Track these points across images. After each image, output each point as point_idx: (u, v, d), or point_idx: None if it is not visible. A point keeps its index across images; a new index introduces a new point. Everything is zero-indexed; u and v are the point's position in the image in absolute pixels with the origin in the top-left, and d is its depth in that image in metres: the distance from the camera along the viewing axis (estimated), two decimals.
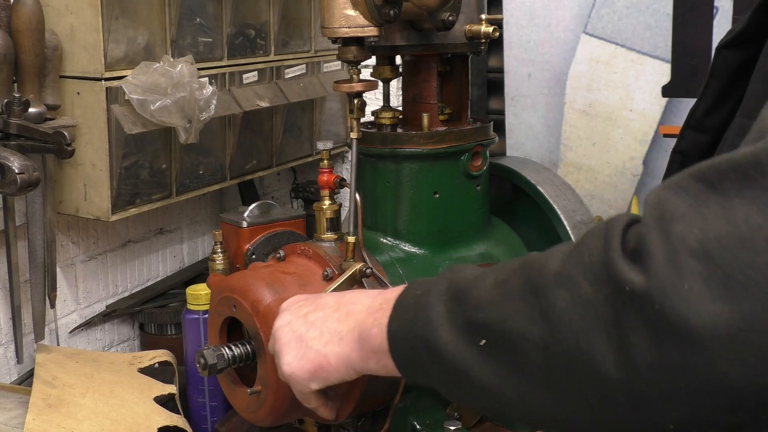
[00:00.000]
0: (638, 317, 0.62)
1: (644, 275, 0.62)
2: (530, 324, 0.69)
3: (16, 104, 1.34)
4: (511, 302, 0.72)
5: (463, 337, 0.75)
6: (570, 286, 0.67)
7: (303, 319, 0.98)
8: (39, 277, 1.50)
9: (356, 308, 0.94)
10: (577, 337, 0.65)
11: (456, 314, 0.77)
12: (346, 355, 0.92)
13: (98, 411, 1.35)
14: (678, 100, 1.94)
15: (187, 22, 1.60)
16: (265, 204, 1.69)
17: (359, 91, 1.25)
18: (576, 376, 0.66)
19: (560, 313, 0.67)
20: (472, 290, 0.77)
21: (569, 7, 2.01)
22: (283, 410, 1.20)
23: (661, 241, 0.62)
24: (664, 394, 0.62)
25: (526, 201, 1.54)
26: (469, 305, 0.76)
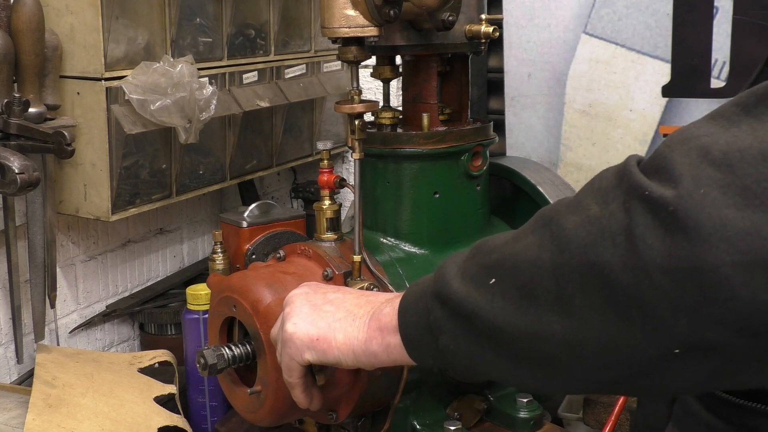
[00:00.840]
0: (652, 220, 0.62)
1: (663, 184, 0.63)
2: (540, 251, 0.70)
3: (16, 104, 1.34)
4: (522, 239, 0.74)
5: (474, 282, 0.76)
6: (580, 210, 0.68)
7: (322, 295, 1.00)
8: (39, 277, 1.50)
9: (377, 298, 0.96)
10: (586, 251, 0.66)
11: (469, 265, 0.79)
12: (354, 335, 0.93)
13: (98, 411, 1.35)
14: (678, 100, 1.94)
15: (187, 22, 1.60)
16: (265, 204, 1.69)
17: (360, 111, 1.25)
18: (586, 291, 0.66)
19: (569, 234, 0.68)
20: (487, 242, 0.80)
21: (569, 7, 2.00)
22: (283, 410, 1.20)
23: (684, 155, 0.63)
24: (672, 300, 0.62)
25: (526, 201, 1.54)
26: (482, 254, 0.78)
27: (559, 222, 0.69)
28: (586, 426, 1.68)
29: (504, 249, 0.75)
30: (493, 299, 0.73)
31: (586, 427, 1.68)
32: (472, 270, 0.78)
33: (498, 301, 0.73)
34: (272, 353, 1.15)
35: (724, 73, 1.87)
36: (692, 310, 0.61)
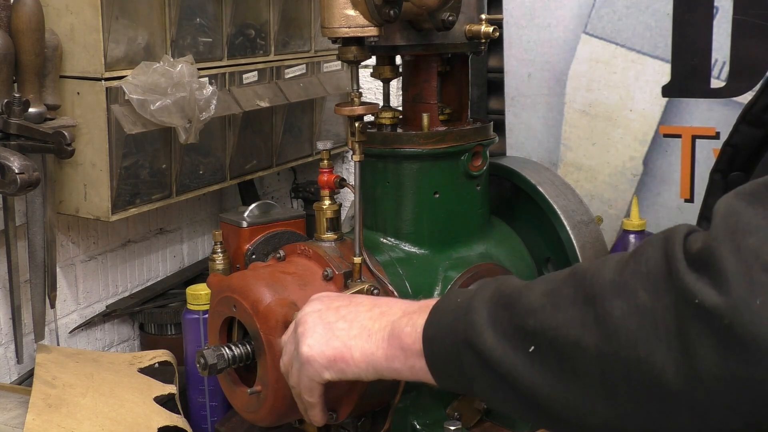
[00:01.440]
0: (706, 329, 0.61)
1: (714, 289, 0.61)
2: (584, 331, 0.69)
3: (16, 104, 1.34)
4: (563, 310, 0.71)
5: (511, 343, 0.74)
6: (627, 294, 0.66)
7: (334, 311, 0.98)
8: (39, 277, 1.50)
9: (391, 310, 0.94)
10: (636, 346, 0.65)
11: (502, 319, 0.76)
12: (371, 351, 0.91)
13: (98, 411, 1.35)
14: (678, 100, 1.94)
15: (187, 22, 1.60)
16: (265, 204, 1.69)
17: (360, 114, 1.25)
18: (633, 384, 0.66)
19: (617, 322, 0.66)
20: (520, 297, 0.76)
21: (569, 7, 2.00)
22: (283, 410, 1.20)
23: (734, 254, 0.61)
24: (726, 405, 0.62)
25: (526, 201, 1.54)
26: (516, 311, 0.75)
27: (604, 304, 0.68)
28: None
29: (543, 317, 0.73)
30: (532, 366, 0.73)
31: None
32: (507, 328, 0.76)
33: (537, 369, 0.72)
34: (272, 353, 1.15)
35: (724, 73, 1.87)
36: (748, 413, 0.61)
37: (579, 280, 0.72)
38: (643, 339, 0.64)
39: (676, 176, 1.95)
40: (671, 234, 0.68)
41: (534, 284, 0.78)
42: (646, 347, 0.64)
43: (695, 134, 1.93)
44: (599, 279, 0.70)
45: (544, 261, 1.54)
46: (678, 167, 1.95)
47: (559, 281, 0.75)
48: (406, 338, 0.88)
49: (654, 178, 1.98)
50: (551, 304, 0.73)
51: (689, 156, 1.93)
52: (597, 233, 1.53)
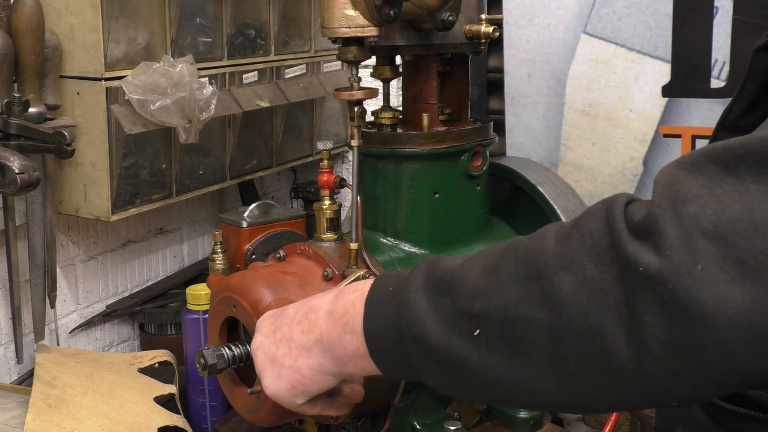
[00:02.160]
0: (651, 297, 0.62)
1: (657, 255, 0.62)
2: (533, 309, 0.68)
3: (16, 104, 1.34)
4: (507, 288, 0.71)
5: (456, 329, 0.74)
6: (574, 268, 0.67)
7: (272, 338, 0.97)
8: (39, 277, 1.50)
9: (318, 316, 0.92)
10: (587, 318, 0.65)
11: (444, 306, 0.75)
12: (317, 364, 0.91)
13: (98, 411, 1.35)
14: (678, 100, 1.94)
15: (187, 22, 1.60)
16: (265, 204, 1.69)
17: (360, 98, 1.25)
18: (585, 357, 0.66)
19: (566, 296, 0.66)
20: (460, 281, 0.75)
21: (569, 7, 2.01)
22: (283, 410, 1.19)
23: (675, 221, 0.62)
24: (674, 374, 0.63)
25: (526, 201, 1.54)
26: (459, 296, 0.74)
27: (552, 279, 0.67)
28: (586, 426, 1.68)
29: (488, 298, 0.72)
30: (479, 350, 0.72)
31: (587, 427, 1.68)
32: (450, 315, 0.75)
33: (485, 353, 0.72)
34: None
35: (724, 73, 1.87)
36: (694, 378, 0.62)
37: (520, 256, 0.72)
38: (594, 311, 0.65)
39: None
40: (612, 204, 0.68)
41: (470, 263, 0.76)
42: (597, 319, 0.65)
43: (695, 134, 1.93)
44: (542, 253, 0.69)
45: None
46: None
47: (497, 257, 0.74)
48: (348, 345, 0.86)
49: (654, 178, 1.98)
50: (495, 284, 0.72)
51: None
52: None
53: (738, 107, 1.03)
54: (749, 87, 1.01)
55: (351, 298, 0.88)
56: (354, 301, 0.87)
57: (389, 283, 0.84)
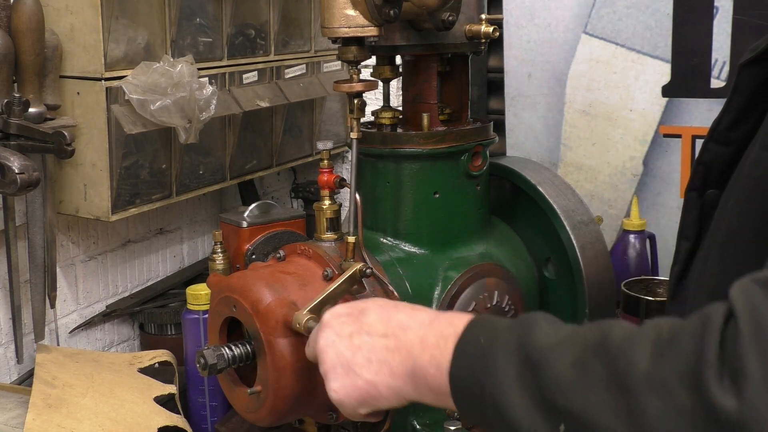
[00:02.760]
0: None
1: (738, 400, 0.59)
2: (616, 421, 0.67)
3: (16, 104, 1.34)
4: (594, 391, 0.70)
5: (541, 415, 0.73)
6: (663, 392, 0.65)
7: (348, 341, 0.95)
8: (39, 277, 1.50)
9: (408, 338, 0.90)
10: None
11: (531, 385, 0.75)
12: (398, 387, 0.90)
13: (98, 411, 1.35)
14: (678, 100, 1.94)
15: (187, 22, 1.60)
16: (265, 204, 1.69)
17: (359, 91, 1.25)
18: None
19: (651, 421, 0.65)
20: (549, 366, 0.74)
21: (569, 7, 2.01)
22: (283, 410, 1.20)
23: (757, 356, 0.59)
24: None
25: (526, 201, 1.54)
26: (545, 382, 0.74)
27: (639, 399, 0.66)
28: None
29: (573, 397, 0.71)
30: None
31: None
32: (536, 397, 0.74)
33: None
34: (272, 353, 1.15)
35: (724, 73, 1.88)
36: None
37: (611, 360, 0.70)
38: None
39: (676, 176, 1.95)
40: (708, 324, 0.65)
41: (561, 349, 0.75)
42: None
43: (695, 134, 1.93)
44: (633, 367, 0.67)
45: (544, 261, 1.54)
46: (678, 167, 1.95)
47: (589, 351, 0.72)
48: (432, 380, 0.86)
49: (654, 178, 1.98)
50: (582, 382, 0.71)
51: (689, 156, 1.93)
52: (597, 233, 1.53)
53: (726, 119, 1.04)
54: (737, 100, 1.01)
55: (444, 332, 0.87)
56: (447, 337, 0.86)
57: (481, 332, 0.83)
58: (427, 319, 0.91)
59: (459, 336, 0.84)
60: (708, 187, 1.08)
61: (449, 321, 0.88)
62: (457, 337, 0.84)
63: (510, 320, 0.84)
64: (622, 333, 0.72)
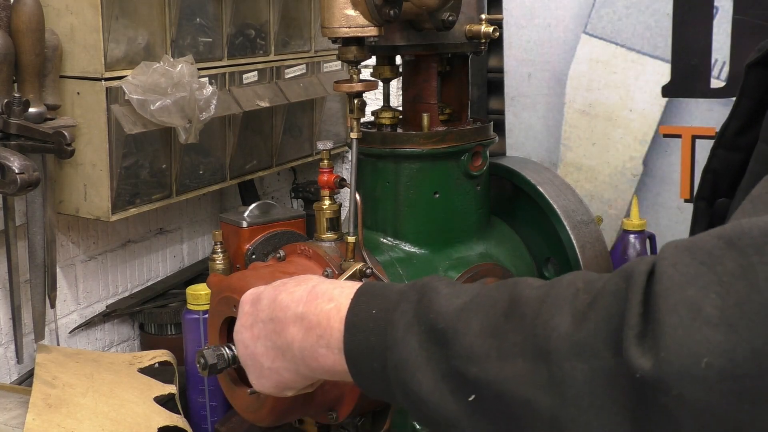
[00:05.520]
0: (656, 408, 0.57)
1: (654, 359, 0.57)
2: (536, 391, 0.63)
3: (16, 104, 1.34)
4: (510, 361, 0.65)
5: (449, 388, 0.69)
6: (588, 356, 0.61)
7: (250, 332, 0.93)
8: (39, 277, 1.50)
9: (286, 317, 0.87)
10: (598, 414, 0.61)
11: (438, 358, 0.70)
12: (293, 368, 0.88)
13: (98, 411, 1.35)
14: (678, 100, 1.94)
15: (187, 22, 1.60)
16: (265, 204, 1.69)
17: (359, 91, 1.25)
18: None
19: (576, 387, 0.61)
20: (456, 335, 0.69)
21: (569, 7, 2.00)
22: (283, 410, 1.20)
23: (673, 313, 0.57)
24: None
25: (526, 201, 1.54)
26: (453, 352, 0.69)
27: (562, 365, 0.62)
28: None
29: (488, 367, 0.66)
30: (472, 415, 0.68)
31: None
32: (443, 368, 0.70)
33: (478, 419, 0.67)
34: None
35: (724, 73, 1.87)
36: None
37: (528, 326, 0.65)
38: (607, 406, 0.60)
39: (676, 176, 1.95)
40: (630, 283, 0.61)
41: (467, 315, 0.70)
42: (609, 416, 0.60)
43: (695, 134, 1.93)
44: (554, 332, 0.63)
45: (544, 261, 1.54)
46: (678, 167, 1.95)
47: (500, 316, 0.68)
48: (324, 360, 0.82)
49: (654, 178, 1.98)
50: (496, 353, 0.66)
51: (689, 156, 1.93)
52: (597, 233, 1.53)
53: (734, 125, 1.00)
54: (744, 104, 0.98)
55: (325, 309, 0.83)
56: (329, 314, 0.82)
57: (372, 304, 0.79)
58: (305, 296, 0.86)
59: (346, 310, 0.80)
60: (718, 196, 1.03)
61: (328, 295, 0.84)
62: (342, 311, 0.80)
63: (401, 285, 0.80)
64: (534, 294, 0.68)
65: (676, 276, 0.58)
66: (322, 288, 0.86)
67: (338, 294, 0.83)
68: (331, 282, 0.88)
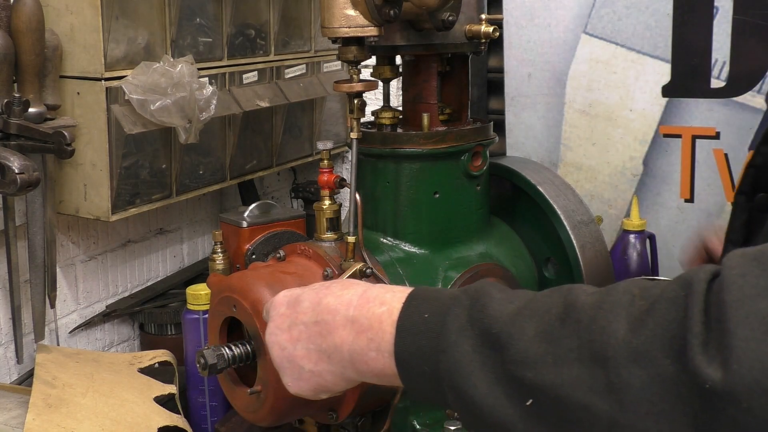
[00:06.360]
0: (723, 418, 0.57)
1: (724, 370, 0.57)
2: (594, 396, 0.64)
3: (16, 104, 1.34)
4: (567, 367, 0.66)
5: (505, 392, 0.69)
6: (645, 362, 0.61)
7: (287, 334, 0.92)
8: (39, 277, 1.50)
9: (335, 320, 0.86)
10: (658, 420, 0.61)
11: (493, 362, 0.70)
12: (340, 373, 0.87)
13: (98, 411, 1.35)
14: (678, 100, 1.94)
15: (187, 22, 1.60)
16: (265, 204, 1.69)
17: (359, 91, 1.25)
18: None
19: (633, 394, 0.61)
20: (511, 339, 0.70)
21: (569, 7, 2.01)
22: (283, 410, 1.20)
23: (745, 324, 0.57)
24: None
25: (526, 201, 1.54)
26: (509, 358, 0.69)
27: (620, 372, 0.62)
28: None
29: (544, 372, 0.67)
30: (529, 419, 0.68)
31: None
32: (499, 374, 0.70)
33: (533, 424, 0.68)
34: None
35: (724, 73, 1.87)
36: None
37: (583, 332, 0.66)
38: (667, 412, 0.60)
39: (676, 176, 1.95)
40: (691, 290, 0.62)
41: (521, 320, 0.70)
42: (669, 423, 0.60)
43: (695, 134, 1.93)
44: (610, 338, 0.64)
45: (544, 261, 1.54)
46: (678, 167, 1.95)
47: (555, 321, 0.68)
48: (374, 363, 0.82)
49: (654, 178, 1.98)
50: (552, 358, 0.67)
51: (689, 156, 1.93)
52: (597, 233, 1.53)
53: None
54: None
55: (377, 312, 0.83)
56: (381, 317, 0.82)
57: (423, 308, 0.79)
58: (356, 300, 0.86)
59: (398, 314, 0.80)
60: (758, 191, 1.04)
61: (380, 299, 0.84)
62: (394, 314, 0.81)
63: (453, 291, 0.80)
64: (589, 300, 0.68)
65: (747, 287, 0.59)
66: (374, 292, 0.86)
67: (390, 298, 0.83)
68: (382, 287, 0.88)
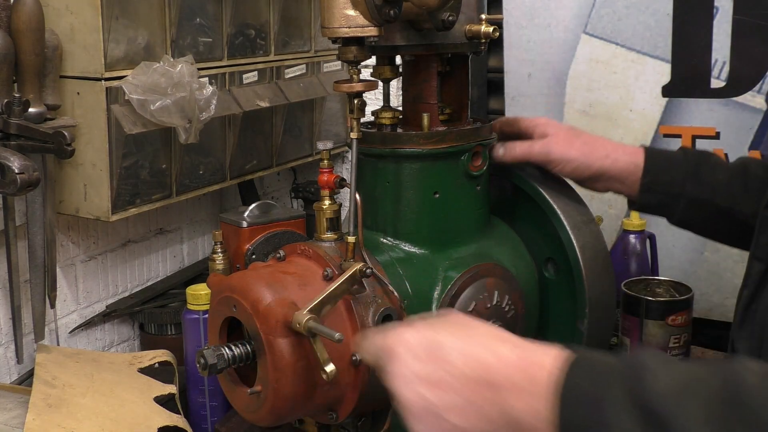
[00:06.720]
0: None
1: None
2: None
3: (16, 104, 1.34)
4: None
5: None
6: None
7: (428, 384, 0.87)
8: (39, 277, 1.50)
9: (494, 379, 0.83)
10: None
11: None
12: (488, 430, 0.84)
13: (98, 411, 1.35)
14: (678, 100, 1.94)
15: (187, 22, 1.60)
16: (265, 204, 1.69)
17: (359, 91, 1.25)
18: None
19: None
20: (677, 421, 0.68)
21: (569, 7, 2.00)
22: (283, 410, 1.20)
23: None
24: None
25: (526, 201, 1.54)
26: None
27: None
28: None
29: None
30: None
31: None
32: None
33: None
34: (272, 353, 1.15)
35: (724, 73, 1.87)
36: None
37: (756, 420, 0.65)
38: None
39: None
40: None
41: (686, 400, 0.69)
42: None
43: (695, 134, 1.93)
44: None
45: (544, 261, 1.54)
46: None
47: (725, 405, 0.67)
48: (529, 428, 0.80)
49: None
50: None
51: None
52: (597, 233, 1.53)
53: None
54: None
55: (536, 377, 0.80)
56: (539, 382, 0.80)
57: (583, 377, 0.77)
58: (513, 358, 0.84)
59: (559, 383, 0.78)
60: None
61: (539, 362, 0.82)
62: (554, 382, 0.78)
63: (612, 359, 0.77)
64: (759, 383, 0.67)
65: None
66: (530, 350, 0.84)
67: (548, 362, 0.81)
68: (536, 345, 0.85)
